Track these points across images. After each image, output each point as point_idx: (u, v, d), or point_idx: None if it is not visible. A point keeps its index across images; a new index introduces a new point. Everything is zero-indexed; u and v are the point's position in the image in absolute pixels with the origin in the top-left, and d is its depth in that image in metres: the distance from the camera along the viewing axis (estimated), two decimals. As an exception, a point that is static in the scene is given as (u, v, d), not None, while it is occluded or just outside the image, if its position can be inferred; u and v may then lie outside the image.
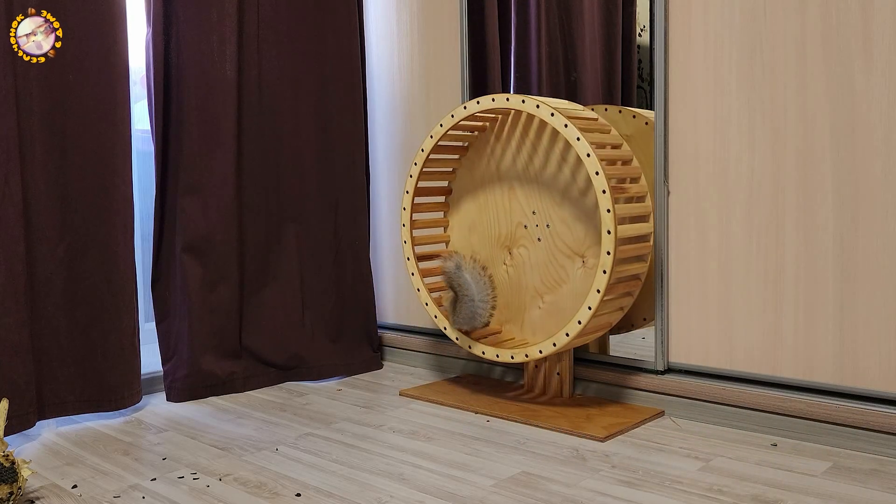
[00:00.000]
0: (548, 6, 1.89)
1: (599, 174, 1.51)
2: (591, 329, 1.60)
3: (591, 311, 1.53)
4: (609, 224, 1.50)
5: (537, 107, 1.60)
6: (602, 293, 1.51)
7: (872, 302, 1.41)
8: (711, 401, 1.57)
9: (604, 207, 1.51)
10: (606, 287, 1.51)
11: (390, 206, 2.24)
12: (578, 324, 1.55)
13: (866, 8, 1.39)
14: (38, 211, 1.62)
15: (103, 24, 1.67)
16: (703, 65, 1.58)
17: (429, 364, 2.12)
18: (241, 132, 1.92)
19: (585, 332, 1.59)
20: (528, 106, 1.61)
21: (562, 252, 1.70)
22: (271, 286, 1.99)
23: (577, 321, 1.55)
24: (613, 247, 1.50)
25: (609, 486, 1.28)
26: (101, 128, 1.68)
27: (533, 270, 1.75)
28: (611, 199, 1.50)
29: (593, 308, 1.53)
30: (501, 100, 1.66)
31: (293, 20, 1.99)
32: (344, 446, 1.50)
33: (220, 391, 1.89)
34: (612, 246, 1.50)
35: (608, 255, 1.51)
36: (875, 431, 1.38)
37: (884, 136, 1.38)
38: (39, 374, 1.63)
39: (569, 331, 1.57)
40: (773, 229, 1.51)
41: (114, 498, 1.27)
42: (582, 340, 1.64)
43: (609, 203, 1.50)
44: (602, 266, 1.51)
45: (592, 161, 1.52)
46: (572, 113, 1.62)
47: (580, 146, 1.53)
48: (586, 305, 1.54)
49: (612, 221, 1.50)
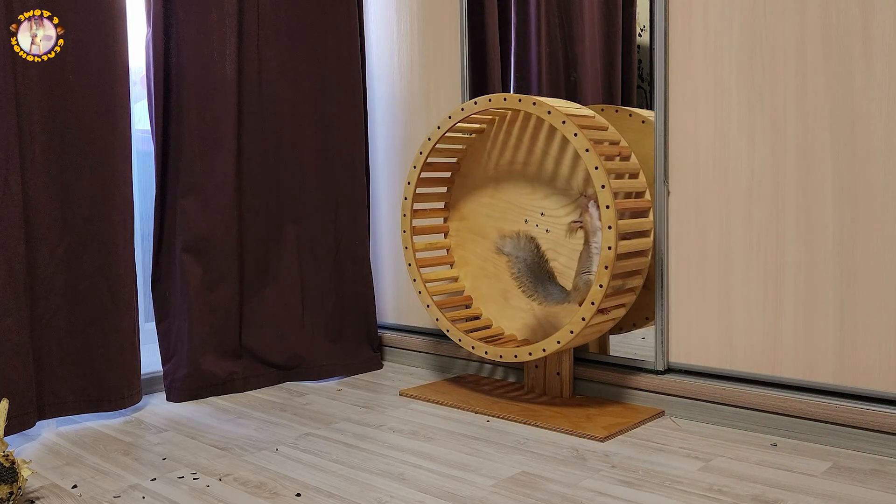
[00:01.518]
0: (548, 6, 1.89)
1: (599, 169, 1.51)
2: (594, 322, 1.60)
3: (593, 304, 1.53)
4: (610, 220, 1.50)
5: (534, 104, 1.60)
6: (604, 289, 1.52)
7: (872, 302, 1.41)
8: (711, 401, 1.57)
9: (605, 225, 1.51)
10: (608, 286, 1.51)
11: (390, 207, 2.24)
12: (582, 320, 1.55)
13: (866, 8, 1.39)
14: (38, 211, 1.62)
15: (103, 24, 1.67)
16: (703, 65, 1.58)
17: (429, 364, 2.12)
18: (241, 132, 1.92)
19: (585, 333, 1.59)
20: (525, 105, 1.61)
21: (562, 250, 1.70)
22: (271, 286, 1.99)
23: (580, 317, 1.56)
24: (614, 242, 1.50)
25: (609, 486, 1.28)
26: (101, 128, 1.68)
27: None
28: (610, 193, 1.50)
29: (596, 303, 1.53)
30: (499, 100, 1.66)
31: (293, 20, 1.99)
32: (344, 446, 1.50)
33: (220, 391, 1.89)
34: (612, 241, 1.50)
35: (609, 250, 1.51)
36: (875, 431, 1.38)
37: (884, 136, 1.38)
38: (39, 374, 1.63)
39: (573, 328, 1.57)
40: (773, 229, 1.51)
41: (114, 498, 1.27)
42: (582, 339, 1.64)
43: (609, 199, 1.50)
44: (603, 263, 1.52)
45: (591, 156, 1.52)
46: (567, 109, 1.62)
47: (578, 141, 1.53)
48: (589, 300, 1.54)
49: (613, 218, 1.50)
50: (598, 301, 1.52)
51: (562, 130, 1.56)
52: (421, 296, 1.83)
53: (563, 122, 1.55)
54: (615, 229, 1.50)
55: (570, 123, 1.54)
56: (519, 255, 1.66)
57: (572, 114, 1.59)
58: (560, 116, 1.56)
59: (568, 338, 1.57)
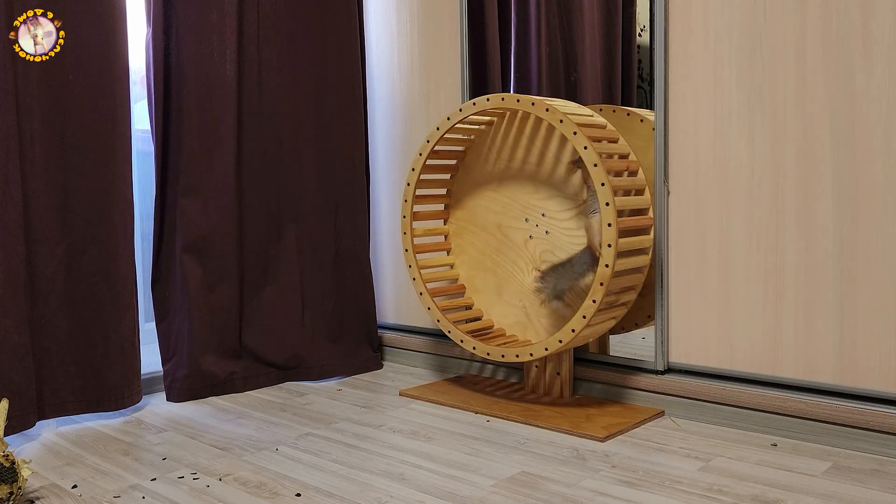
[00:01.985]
0: (548, 6, 1.89)
1: (598, 166, 1.51)
2: (595, 323, 1.60)
3: (594, 302, 1.53)
4: (610, 217, 1.50)
5: (532, 104, 1.60)
6: (603, 288, 1.52)
7: (872, 302, 1.41)
8: (711, 401, 1.57)
9: (603, 202, 1.51)
10: (607, 286, 1.52)
11: (390, 207, 2.24)
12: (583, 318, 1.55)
13: (866, 8, 1.39)
14: (38, 211, 1.62)
15: (103, 24, 1.67)
16: (703, 65, 1.58)
17: (429, 364, 2.12)
18: (241, 132, 1.92)
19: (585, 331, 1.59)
20: (524, 104, 1.61)
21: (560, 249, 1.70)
22: (271, 286, 1.99)
23: (582, 314, 1.56)
24: (614, 242, 1.50)
25: (609, 486, 1.28)
26: (101, 128, 1.68)
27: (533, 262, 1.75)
28: (610, 191, 1.50)
29: (597, 301, 1.53)
30: (497, 100, 1.66)
31: (293, 20, 1.99)
32: (344, 446, 1.50)
33: (220, 391, 1.89)
34: (613, 240, 1.50)
35: (608, 248, 1.51)
36: (875, 431, 1.38)
37: (884, 136, 1.38)
38: (39, 374, 1.63)
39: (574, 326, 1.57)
40: (773, 229, 1.51)
41: (114, 498, 1.27)
42: (584, 339, 1.64)
43: (609, 196, 1.50)
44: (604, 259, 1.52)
45: (589, 152, 1.52)
46: (565, 108, 1.62)
47: (577, 140, 1.53)
48: (591, 298, 1.54)
49: (612, 216, 1.50)
50: (599, 299, 1.52)
51: (573, 142, 1.56)
52: (422, 297, 1.83)
53: (574, 132, 1.54)
54: (615, 248, 1.50)
55: (581, 136, 1.53)
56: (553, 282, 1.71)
57: (583, 123, 1.58)
58: (572, 126, 1.55)
59: (570, 336, 1.57)
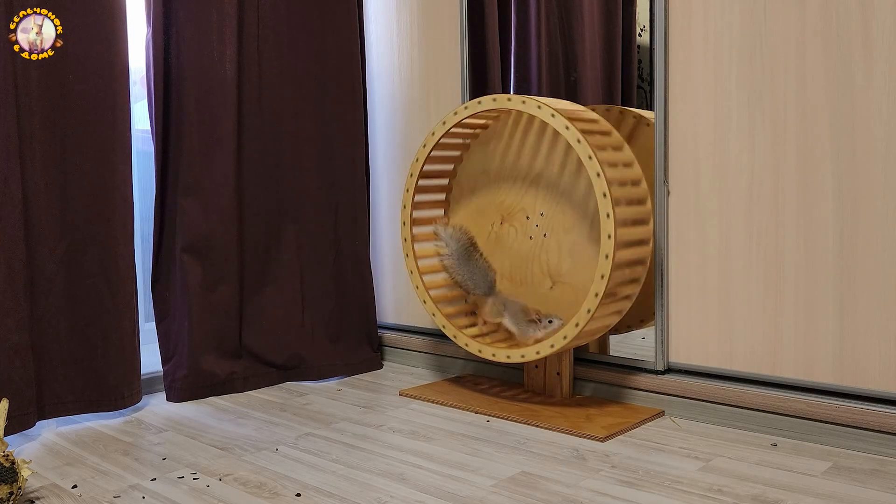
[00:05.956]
0: (548, 6, 1.89)
1: (593, 158, 1.51)
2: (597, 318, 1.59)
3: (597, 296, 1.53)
4: (609, 229, 1.50)
5: (523, 102, 1.60)
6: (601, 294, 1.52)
7: (872, 302, 1.41)
8: (711, 401, 1.57)
9: (603, 212, 1.51)
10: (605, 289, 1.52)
11: (390, 206, 2.24)
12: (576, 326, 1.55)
13: (866, 8, 1.39)
14: (38, 211, 1.62)
15: (103, 24, 1.67)
16: (703, 65, 1.58)
17: (429, 364, 2.12)
18: (241, 132, 1.92)
19: (583, 334, 1.59)
20: (515, 103, 1.62)
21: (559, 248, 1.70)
22: (271, 286, 1.99)
23: (585, 309, 1.55)
24: (612, 251, 1.50)
25: (609, 486, 1.28)
26: (101, 128, 1.68)
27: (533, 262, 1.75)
28: (610, 201, 1.50)
29: (597, 301, 1.53)
30: (488, 101, 1.66)
31: (293, 20, 1.99)
32: (344, 446, 1.50)
33: (220, 391, 1.89)
34: (610, 249, 1.50)
35: (608, 238, 1.51)
36: (875, 431, 1.38)
37: (884, 136, 1.38)
38: (39, 374, 1.63)
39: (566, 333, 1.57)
40: (773, 229, 1.51)
41: (114, 498, 1.27)
42: (588, 335, 1.64)
43: (609, 208, 1.50)
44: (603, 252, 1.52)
45: (583, 146, 1.52)
46: (559, 106, 1.62)
47: (569, 134, 1.53)
48: (593, 291, 1.54)
49: (611, 225, 1.50)
50: (601, 292, 1.52)
51: (552, 124, 1.56)
52: (418, 290, 1.82)
53: (578, 140, 1.54)
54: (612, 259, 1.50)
55: (585, 144, 1.53)
56: (451, 245, 1.77)
57: (576, 118, 1.58)
58: (575, 135, 1.54)
59: (574, 331, 1.56)
